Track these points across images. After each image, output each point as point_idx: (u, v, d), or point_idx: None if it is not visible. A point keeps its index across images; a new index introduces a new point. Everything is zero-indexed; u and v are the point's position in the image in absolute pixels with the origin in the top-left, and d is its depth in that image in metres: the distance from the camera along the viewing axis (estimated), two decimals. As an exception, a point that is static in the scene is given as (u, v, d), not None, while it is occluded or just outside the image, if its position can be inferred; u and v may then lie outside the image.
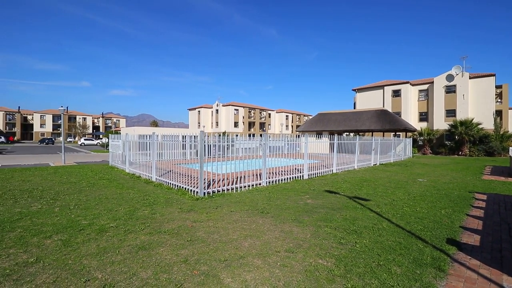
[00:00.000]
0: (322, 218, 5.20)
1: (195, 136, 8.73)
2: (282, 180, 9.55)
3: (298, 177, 10.31)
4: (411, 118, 33.17)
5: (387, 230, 4.58)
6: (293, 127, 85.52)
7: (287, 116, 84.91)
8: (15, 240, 4.01)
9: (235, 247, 3.82)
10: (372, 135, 22.50)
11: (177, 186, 8.14)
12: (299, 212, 5.61)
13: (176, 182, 8.25)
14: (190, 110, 79.20)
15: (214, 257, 3.51)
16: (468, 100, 29.70)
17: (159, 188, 8.12)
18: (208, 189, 7.43)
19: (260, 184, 8.79)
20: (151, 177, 9.69)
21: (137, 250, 3.67)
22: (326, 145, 13.55)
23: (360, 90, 37.88)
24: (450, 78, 30.66)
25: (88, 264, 3.27)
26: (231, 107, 69.14)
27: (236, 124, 70.23)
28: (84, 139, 51.29)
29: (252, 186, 8.46)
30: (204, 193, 7.15)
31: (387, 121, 25.04)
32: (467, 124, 26.88)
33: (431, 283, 2.98)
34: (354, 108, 38.32)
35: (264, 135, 9.28)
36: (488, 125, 28.26)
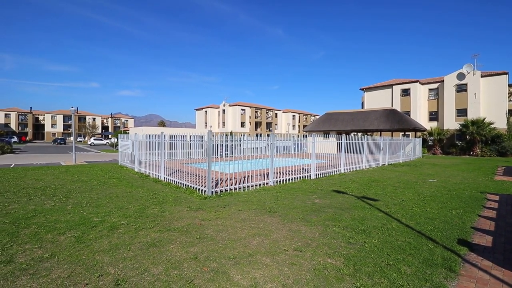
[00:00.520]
0: (330, 218, 5.19)
1: (201, 136, 8.83)
2: (289, 180, 9.55)
3: (305, 177, 10.29)
4: (420, 117, 32.64)
5: (396, 230, 4.54)
6: (299, 127, 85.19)
7: (294, 116, 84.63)
8: (30, 236, 4.13)
9: (243, 245, 3.85)
10: (381, 135, 22.25)
11: (185, 185, 8.23)
12: (307, 212, 5.61)
13: (184, 181, 8.34)
14: (197, 110, 79.73)
15: (223, 254, 3.55)
16: (480, 99, 29.07)
17: (168, 187, 8.22)
18: (216, 188, 7.49)
19: (267, 183, 8.81)
20: (160, 176, 9.82)
21: (148, 247, 3.74)
22: (333, 145, 13.47)
23: (368, 89, 37.49)
24: (461, 76, 30.06)
25: (101, 260, 3.35)
26: (237, 107, 69.31)
27: (242, 124, 70.37)
28: (94, 139, 52.15)
29: (259, 185, 8.49)
30: (212, 192, 7.21)
31: (396, 120, 24.72)
32: (478, 123, 26.30)
33: (441, 283, 2.95)
34: (362, 107, 37.93)
35: (271, 135, 9.29)
36: (500, 124, 27.60)
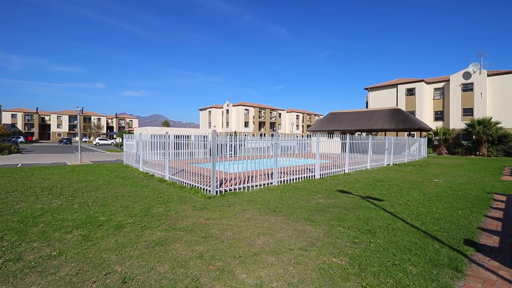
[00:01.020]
0: (335, 218, 5.18)
1: (205, 136, 8.87)
2: (293, 179, 9.54)
3: (309, 176, 10.27)
4: (425, 117, 32.36)
5: (402, 230, 4.52)
6: (303, 127, 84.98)
7: (298, 116, 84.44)
8: (38, 234, 4.19)
9: (248, 244, 3.87)
10: (386, 135, 22.11)
11: (190, 184, 8.27)
12: (311, 211, 5.60)
13: (189, 181, 8.38)
14: (200, 110, 80.00)
15: (228, 253, 3.57)
16: (486, 98, 28.72)
17: (172, 187, 8.27)
18: (220, 187, 7.52)
19: (271, 183, 8.82)
20: (164, 176, 9.88)
21: (153, 246, 3.78)
22: (338, 144, 13.43)
23: (372, 89, 37.27)
24: (467, 75, 29.74)
25: (108, 258, 3.39)
26: (241, 107, 69.38)
27: (246, 124, 70.42)
28: (99, 139, 52.63)
29: (263, 185, 8.50)
30: (217, 191, 7.24)
31: (400, 120, 24.54)
32: (485, 123, 25.99)
33: (448, 283, 2.93)
34: (367, 107, 37.72)
35: (275, 135, 9.29)
36: (507, 124, 27.23)
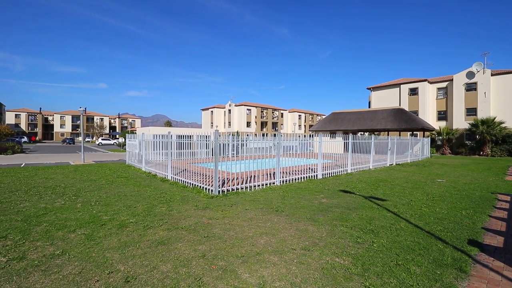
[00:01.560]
0: (338, 217, 5.16)
1: (207, 136, 8.89)
2: (295, 179, 9.52)
3: (312, 176, 10.25)
4: (429, 117, 32.19)
5: (405, 230, 4.49)
6: (306, 126, 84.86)
7: (300, 115, 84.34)
8: (41, 233, 4.21)
9: (251, 244, 3.86)
10: (388, 135, 22.03)
11: (192, 184, 8.28)
12: (314, 211, 5.59)
13: (191, 181, 8.39)
14: (203, 110, 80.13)
15: (231, 253, 3.57)
16: (490, 98, 28.51)
17: (175, 186, 8.29)
18: (223, 187, 7.52)
19: (273, 183, 8.80)
20: (167, 175, 9.90)
21: (156, 245, 3.78)
22: (340, 144, 13.39)
23: (375, 88, 37.12)
24: (470, 75, 29.54)
25: (111, 257, 3.40)
26: (243, 107, 69.42)
27: (248, 124, 70.44)
28: (102, 139, 52.87)
29: (265, 185, 8.49)
30: (219, 191, 7.24)
31: (403, 120, 24.43)
32: (489, 123, 25.80)
33: (452, 283, 2.91)
34: (369, 107, 37.59)
35: (277, 135, 9.28)
36: (511, 124, 27.02)
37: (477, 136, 26.95)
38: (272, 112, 76.42)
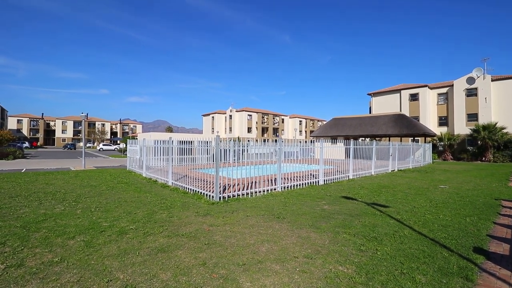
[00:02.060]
0: (340, 225, 5.10)
1: (207, 141, 8.89)
2: (297, 185, 9.46)
3: (313, 182, 10.18)
4: (430, 122, 32.15)
5: (409, 238, 4.42)
6: (306, 132, 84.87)
7: (301, 121, 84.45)
8: (40, 240, 4.16)
9: (252, 252, 3.80)
10: (390, 140, 21.97)
11: (192, 190, 8.23)
12: (316, 218, 5.52)
13: (192, 187, 8.34)
14: (204, 116, 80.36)
15: (232, 261, 3.50)
16: (491, 103, 28.50)
17: (175, 192, 8.24)
18: (224, 193, 7.47)
19: (275, 189, 8.74)
20: (168, 181, 9.85)
21: (156, 252, 3.73)
22: (341, 150, 13.34)
23: (375, 94, 37.21)
24: (471, 80, 29.60)
25: (110, 265, 3.34)
26: (244, 112, 69.61)
27: (249, 130, 70.53)
28: (103, 145, 53.03)
29: (267, 191, 8.43)
30: (220, 197, 7.18)
31: (404, 125, 24.40)
32: (490, 128, 25.74)
33: (459, 293, 2.84)
34: (370, 112, 37.61)
35: (278, 140, 9.24)
36: (513, 129, 26.96)
37: (478, 142, 26.87)
38: (273, 118, 76.58)
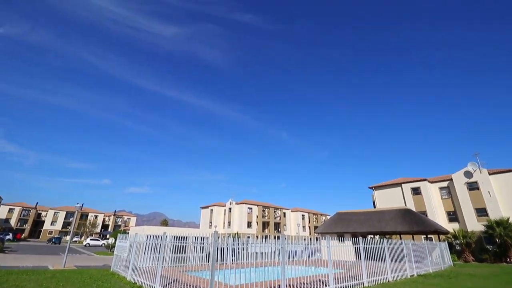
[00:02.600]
0: None
1: (203, 237, 8.11)
2: (305, 294, 8.04)
3: (323, 290, 8.70)
4: (439, 218, 30.72)
5: None
6: (310, 228, 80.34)
7: (303, 215, 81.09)
8: None
9: None
10: (401, 238, 20.40)
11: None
12: None
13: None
14: (202, 208, 77.96)
15: None
16: (496, 197, 27.89)
17: (161, 304, 6.89)
18: (218, 306, 6.21)
19: (279, 300, 7.37)
20: (154, 287, 8.45)
21: None
22: (351, 250, 12.09)
23: (377, 188, 37.05)
24: (468, 174, 29.92)
25: None
26: (244, 205, 67.76)
27: (249, 224, 66.98)
28: (90, 239, 49.89)
29: (270, 302, 7.07)
30: (213, 312, 5.93)
31: (413, 221, 23.13)
32: (504, 224, 24.30)
33: None
34: (374, 206, 36.54)
35: (281, 238, 8.40)
36: (528, 225, 25.41)
37: (496, 240, 24.91)
38: (274, 211, 74.02)
